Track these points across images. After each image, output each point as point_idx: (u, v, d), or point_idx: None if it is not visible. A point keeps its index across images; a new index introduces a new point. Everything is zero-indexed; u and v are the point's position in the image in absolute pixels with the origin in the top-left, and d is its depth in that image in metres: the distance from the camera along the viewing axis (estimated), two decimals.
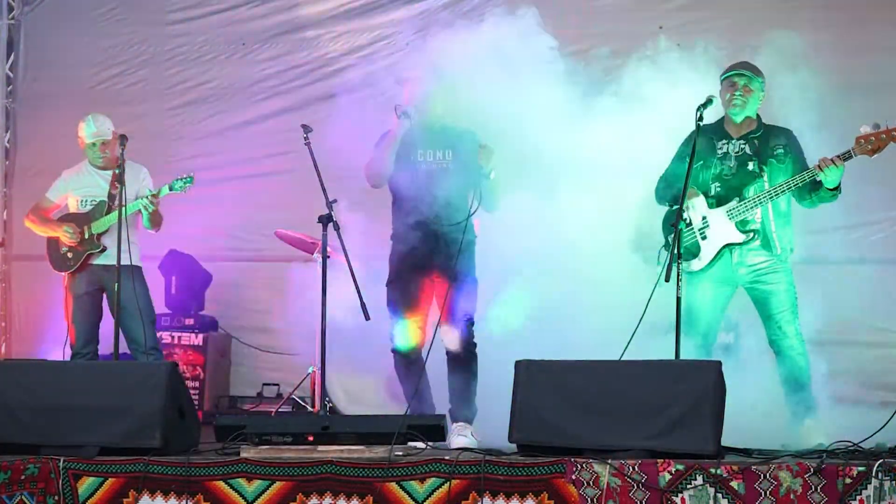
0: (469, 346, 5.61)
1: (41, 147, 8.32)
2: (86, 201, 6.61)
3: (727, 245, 5.58)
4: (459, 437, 5.34)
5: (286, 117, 7.94)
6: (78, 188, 6.65)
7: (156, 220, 6.55)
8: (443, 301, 5.55)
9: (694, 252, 5.63)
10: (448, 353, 5.60)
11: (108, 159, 6.58)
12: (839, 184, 5.43)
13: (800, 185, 5.47)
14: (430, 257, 5.61)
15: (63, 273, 6.62)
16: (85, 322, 6.53)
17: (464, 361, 5.59)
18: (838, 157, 5.35)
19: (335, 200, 5.52)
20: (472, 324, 5.62)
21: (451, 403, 5.57)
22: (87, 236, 6.53)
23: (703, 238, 5.63)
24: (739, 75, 5.62)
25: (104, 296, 6.59)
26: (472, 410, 5.57)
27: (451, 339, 5.58)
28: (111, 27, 8.47)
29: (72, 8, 8.51)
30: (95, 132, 6.57)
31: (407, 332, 5.63)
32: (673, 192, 5.70)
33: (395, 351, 5.68)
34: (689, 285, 5.50)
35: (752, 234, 5.55)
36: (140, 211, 6.45)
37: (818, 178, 5.40)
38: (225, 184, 7.93)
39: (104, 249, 6.48)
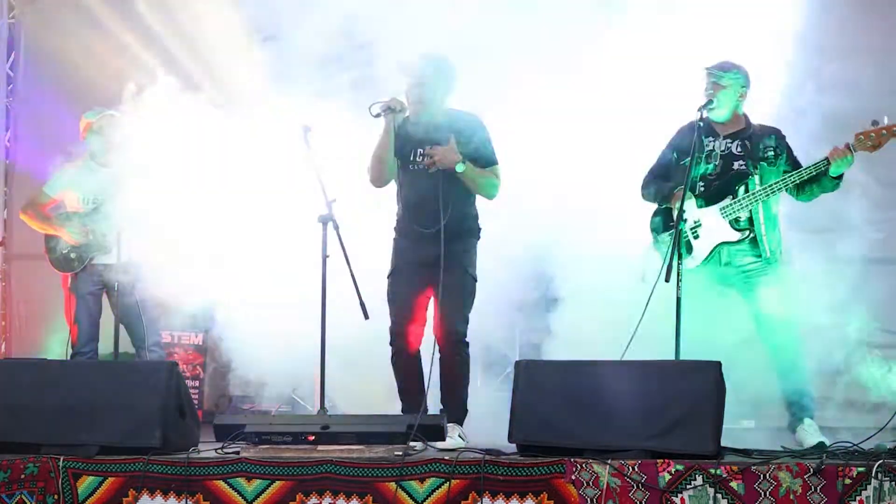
0: (460, 346, 5.50)
1: (41, 146, 8.31)
2: (87, 199, 6.53)
3: (721, 244, 5.57)
4: (447, 437, 5.20)
5: (286, 117, 7.93)
6: (79, 185, 6.55)
7: None
8: (440, 298, 5.45)
9: (686, 251, 5.60)
10: (440, 350, 5.48)
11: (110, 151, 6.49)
12: (842, 173, 5.39)
13: (804, 179, 5.43)
14: (431, 252, 5.48)
15: (65, 273, 6.56)
16: (87, 321, 6.49)
17: (454, 360, 5.49)
18: (848, 147, 5.30)
19: (335, 200, 5.52)
20: (467, 322, 5.52)
21: (442, 402, 5.51)
22: (91, 237, 6.47)
23: (696, 237, 5.62)
24: (708, 74, 5.65)
25: (104, 294, 6.58)
26: (462, 410, 5.51)
27: (442, 336, 5.46)
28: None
29: (72, 7, 8.50)
30: (94, 115, 6.52)
31: (405, 327, 5.55)
32: (659, 188, 5.72)
33: (392, 345, 5.58)
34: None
35: (746, 233, 5.53)
36: None
37: (822, 171, 5.37)
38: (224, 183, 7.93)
39: (110, 251, 6.43)
